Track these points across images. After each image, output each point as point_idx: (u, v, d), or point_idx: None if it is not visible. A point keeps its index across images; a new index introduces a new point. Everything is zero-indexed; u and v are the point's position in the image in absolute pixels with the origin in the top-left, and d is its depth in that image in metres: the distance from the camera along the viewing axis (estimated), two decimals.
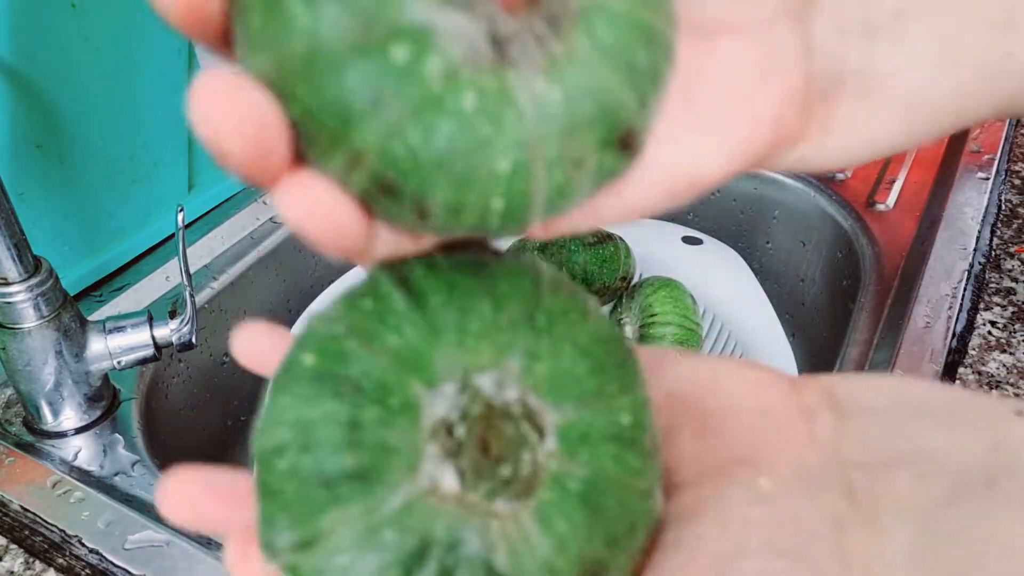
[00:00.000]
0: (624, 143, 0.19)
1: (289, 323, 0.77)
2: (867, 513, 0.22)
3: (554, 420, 0.20)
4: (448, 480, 0.19)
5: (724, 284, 0.81)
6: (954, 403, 0.23)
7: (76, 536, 0.54)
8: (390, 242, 0.21)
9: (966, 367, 0.62)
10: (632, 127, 0.19)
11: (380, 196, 0.18)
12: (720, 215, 0.97)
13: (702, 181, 0.23)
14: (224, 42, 0.18)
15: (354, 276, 0.81)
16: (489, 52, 0.17)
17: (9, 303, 0.56)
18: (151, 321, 0.61)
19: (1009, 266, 0.70)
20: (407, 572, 0.19)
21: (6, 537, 0.55)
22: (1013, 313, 0.66)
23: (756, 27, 0.23)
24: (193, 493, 0.21)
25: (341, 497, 0.19)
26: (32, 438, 0.62)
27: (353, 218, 0.19)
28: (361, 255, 0.20)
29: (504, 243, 0.82)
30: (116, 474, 0.59)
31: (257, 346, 0.23)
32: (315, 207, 0.18)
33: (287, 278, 0.83)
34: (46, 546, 0.54)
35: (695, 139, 0.23)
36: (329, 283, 0.81)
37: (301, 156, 0.18)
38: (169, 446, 0.69)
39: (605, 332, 0.22)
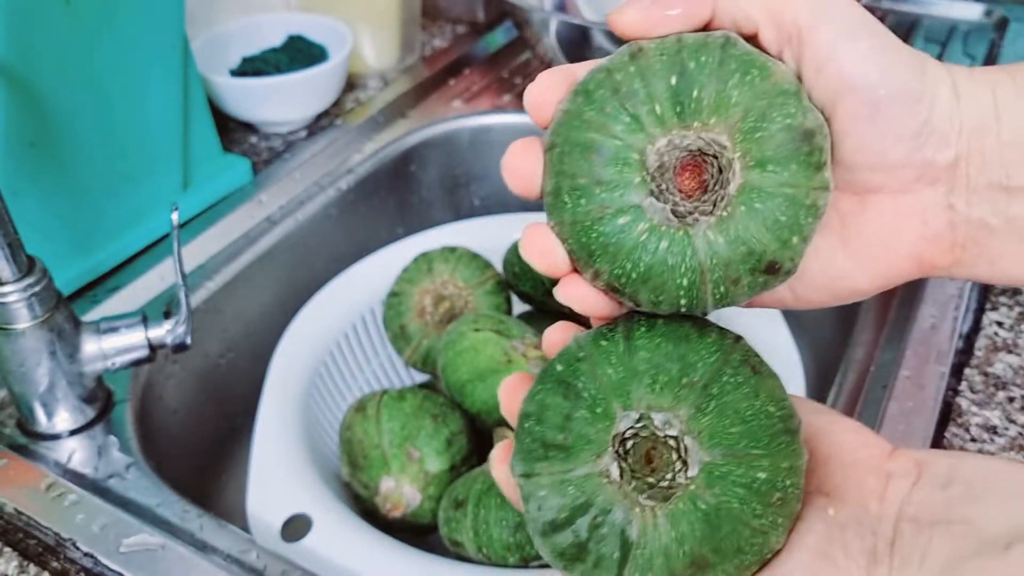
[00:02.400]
0: (769, 270, 0.29)
1: (285, 324, 0.76)
2: (900, 558, 0.28)
3: (702, 458, 0.29)
4: (614, 471, 0.29)
5: None
6: (1015, 478, 0.29)
7: (70, 539, 0.54)
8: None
9: (972, 368, 0.61)
10: (774, 260, 0.29)
11: (611, 293, 0.31)
12: None
13: (856, 293, 0.33)
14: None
15: (344, 280, 0.81)
16: (674, 218, 0.29)
17: (2, 303, 0.55)
18: (145, 322, 0.61)
19: None
20: (572, 515, 0.29)
21: (0, 540, 0.54)
22: (1020, 313, 0.65)
23: (898, 190, 0.31)
24: None
25: (550, 456, 0.30)
26: (26, 440, 0.61)
27: (598, 300, 0.31)
28: (609, 317, 0.32)
29: (504, 242, 0.81)
30: (111, 476, 0.59)
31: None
32: (579, 296, 0.32)
33: (283, 278, 0.83)
34: (40, 549, 0.54)
35: (849, 264, 0.32)
36: (324, 283, 0.80)
37: (574, 267, 0.31)
38: (164, 448, 0.68)
39: (769, 410, 0.30)
